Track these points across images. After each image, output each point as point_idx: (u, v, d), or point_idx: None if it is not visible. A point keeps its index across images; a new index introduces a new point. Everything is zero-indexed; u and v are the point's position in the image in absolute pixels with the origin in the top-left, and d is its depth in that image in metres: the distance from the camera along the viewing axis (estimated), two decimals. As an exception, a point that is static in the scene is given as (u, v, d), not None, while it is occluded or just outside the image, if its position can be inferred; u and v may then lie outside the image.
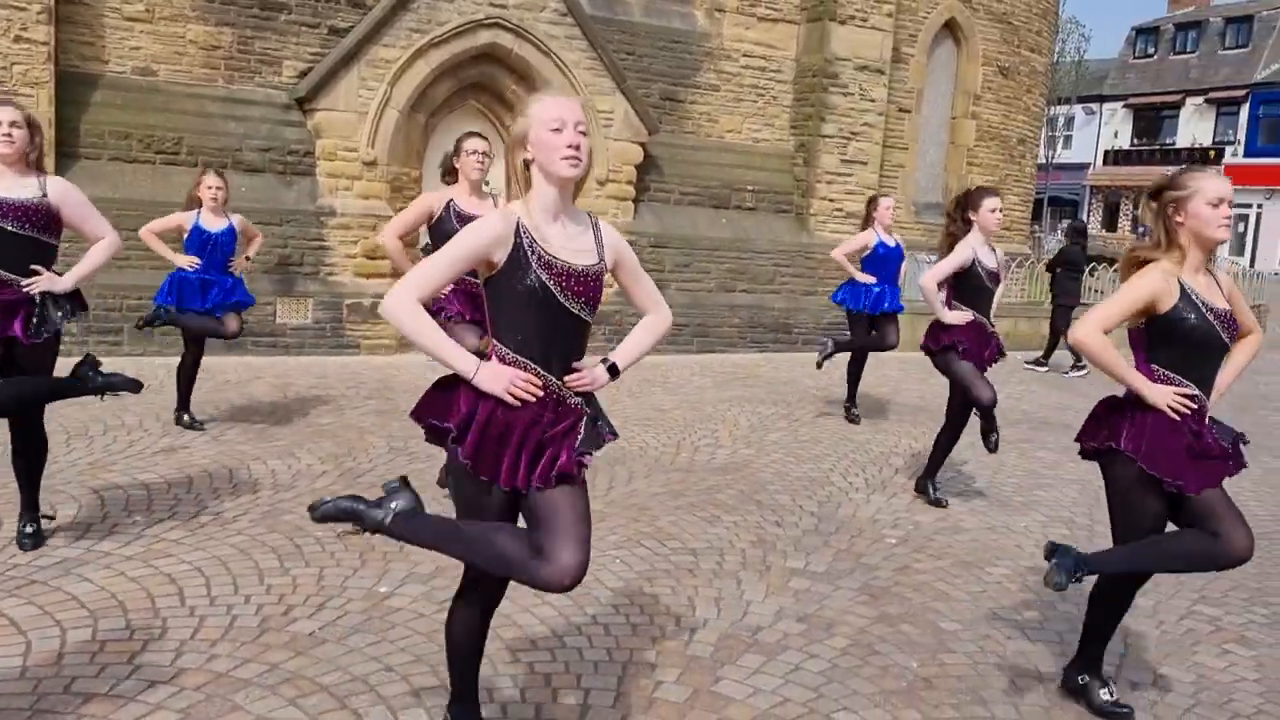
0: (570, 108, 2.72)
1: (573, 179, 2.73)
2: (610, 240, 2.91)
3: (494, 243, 2.70)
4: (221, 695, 3.44)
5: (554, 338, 2.78)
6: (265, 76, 10.43)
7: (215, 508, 5.34)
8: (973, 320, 6.09)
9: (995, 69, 15.68)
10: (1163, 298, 3.43)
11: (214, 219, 7.00)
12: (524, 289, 2.70)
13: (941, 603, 4.73)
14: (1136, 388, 3.50)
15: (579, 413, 2.85)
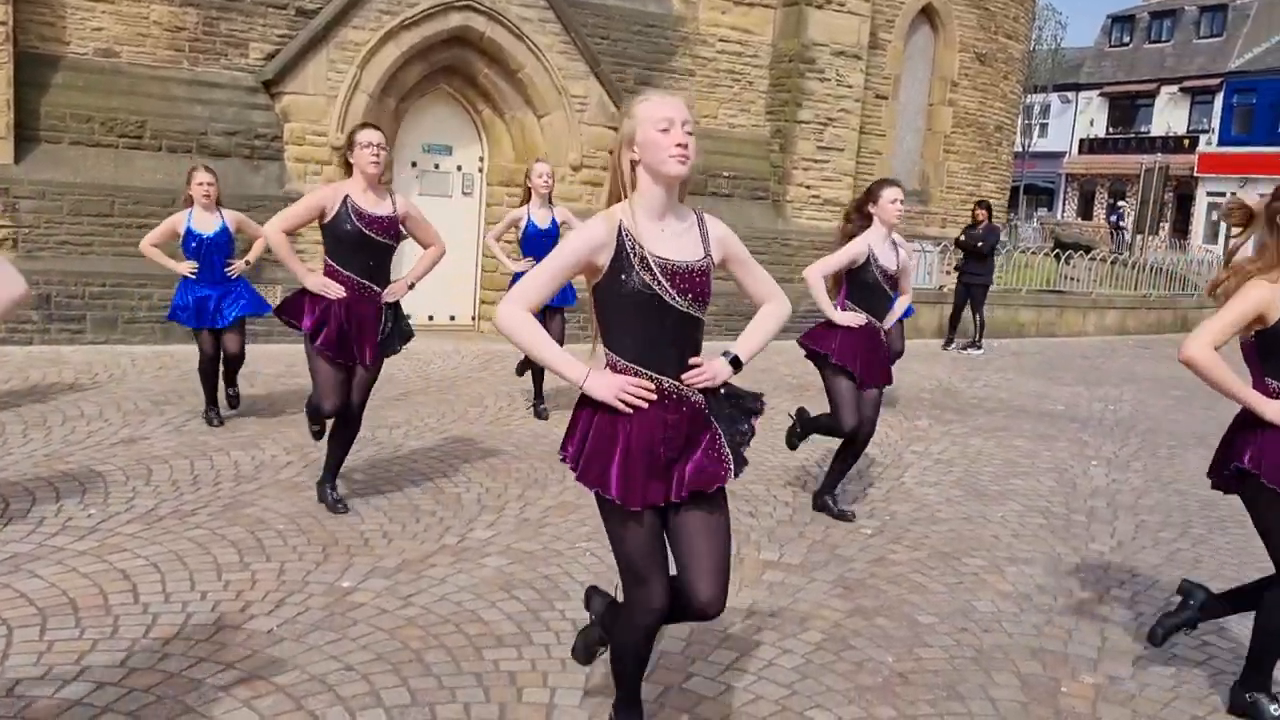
0: (677, 107, 2.70)
1: (680, 177, 2.71)
2: (717, 234, 2.87)
3: (597, 247, 2.70)
4: (173, 696, 3.31)
5: (665, 338, 2.75)
6: (231, 59, 10.22)
7: (174, 501, 5.20)
8: (866, 324, 5.56)
9: (972, 55, 15.62)
10: (1270, 310, 3.34)
11: (206, 218, 6.74)
12: (629, 291, 2.69)
13: (918, 595, 4.65)
14: (1252, 405, 3.41)
15: (704, 415, 2.82)
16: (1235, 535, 5.85)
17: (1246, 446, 3.45)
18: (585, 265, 2.73)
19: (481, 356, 10.07)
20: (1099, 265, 17.78)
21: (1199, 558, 5.43)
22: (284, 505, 5.24)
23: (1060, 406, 9.66)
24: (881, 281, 5.59)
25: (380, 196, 5.12)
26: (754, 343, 3.02)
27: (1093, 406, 9.85)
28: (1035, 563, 5.21)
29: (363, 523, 5.08)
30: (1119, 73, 46.16)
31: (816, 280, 5.55)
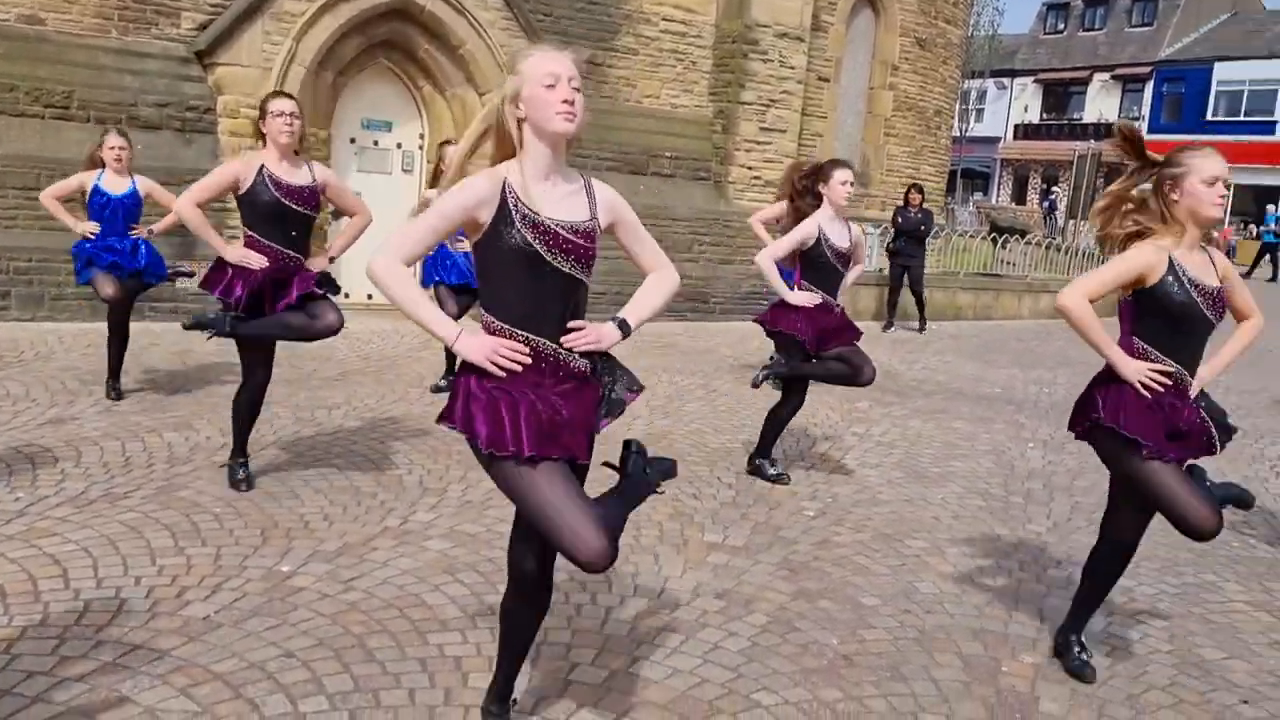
0: (564, 62, 2.64)
1: (567, 135, 2.65)
2: (605, 198, 2.84)
3: (480, 203, 2.64)
4: (106, 686, 3.21)
5: (545, 299, 2.70)
6: (162, 28, 9.94)
7: (105, 483, 5.05)
8: (821, 303, 5.74)
9: (913, 40, 15.74)
10: (1151, 272, 3.44)
11: (117, 181, 6.61)
12: (510, 248, 2.64)
13: (861, 577, 4.68)
14: (1114, 361, 3.53)
15: (583, 375, 2.77)
16: (1166, 516, 5.97)
17: (1102, 399, 3.57)
18: (467, 221, 2.67)
19: (421, 336, 9.94)
20: (1034, 250, 18.06)
21: (1132, 538, 5.52)
22: (219, 488, 5.12)
23: (997, 389, 9.81)
24: (833, 260, 5.75)
25: (296, 165, 5.05)
26: (643, 309, 2.97)
27: (1028, 389, 10.01)
28: (975, 544, 5.28)
29: (302, 505, 4.99)
30: (1053, 60, 46.89)
31: (768, 264, 5.69)
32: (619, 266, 12.39)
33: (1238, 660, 4.12)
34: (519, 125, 2.67)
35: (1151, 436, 3.47)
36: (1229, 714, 3.67)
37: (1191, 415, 3.56)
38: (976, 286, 16.06)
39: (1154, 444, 3.46)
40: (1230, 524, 5.90)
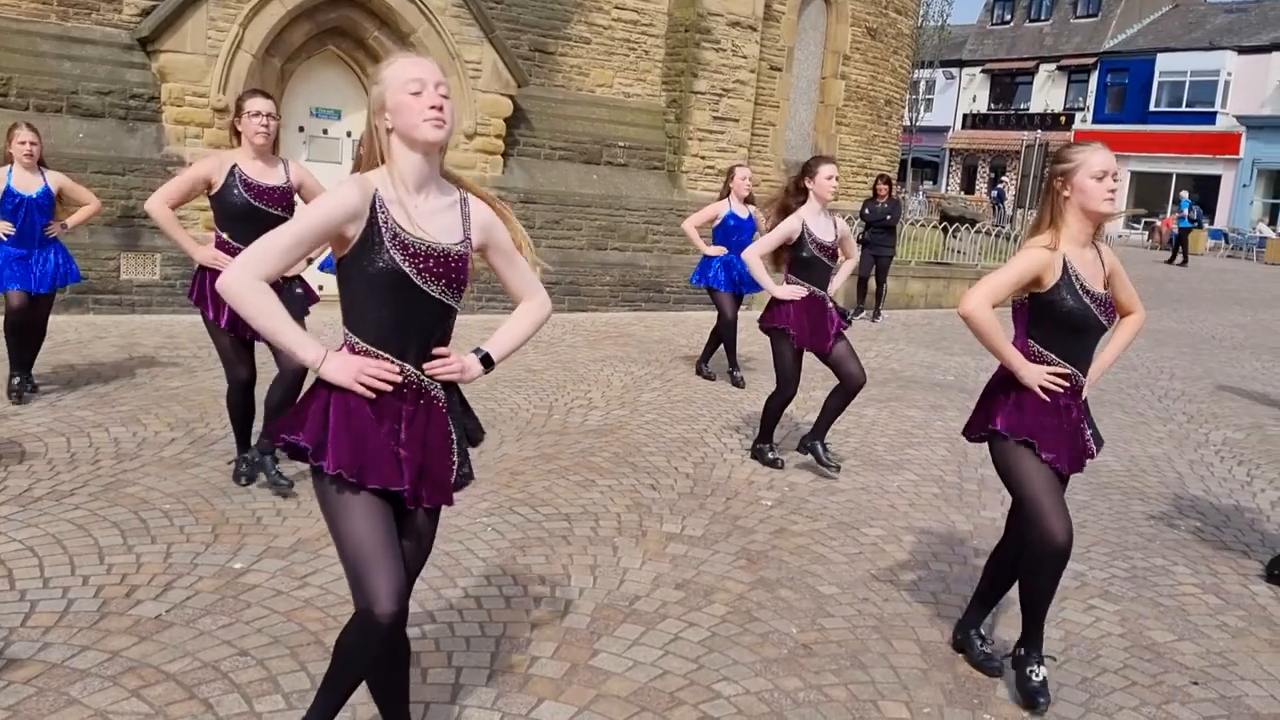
0: (428, 68, 2.50)
1: (438, 143, 2.49)
2: (480, 219, 2.65)
3: (348, 216, 2.44)
4: (55, 689, 3.14)
5: (411, 325, 2.52)
6: (104, 14, 9.70)
7: (50, 481, 4.94)
8: (808, 296, 5.87)
9: (864, 30, 15.80)
10: (1046, 275, 3.43)
11: (28, 178, 6.25)
12: (377, 271, 2.45)
13: (819, 566, 4.70)
14: (1015, 367, 3.50)
15: (444, 415, 2.60)
16: (1115, 501, 6.07)
17: (1000, 406, 3.54)
18: (334, 234, 2.46)
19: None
20: (983, 238, 18.25)
21: (1083, 523, 5.59)
22: (169, 484, 5.03)
23: (950, 377, 9.90)
24: (819, 255, 5.90)
25: (271, 165, 4.93)
26: (509, 341, 2.82)
27: (980, 377, 10.09)
28: (932, 531, 5.32)
29: (254, 501, 4.91)
30: (1000, 50, 47.41)
31: (754, 260, 5.89)
32: (571, 257, 12.36)
33: (1187, 642, 4.19)
34: (388, 136, 2.51)
35: (1049, 444, 3.47)
36: (1179, 695, 3.73)
37: (1079, 417, 3.60)
38: (928, 275, 16.19)
39: (1048, 450, 3.46)
40: (1178, 507, 6.02)
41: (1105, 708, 3.59)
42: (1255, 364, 12.18)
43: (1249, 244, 34.08)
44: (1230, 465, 7.22)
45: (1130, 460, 7.12)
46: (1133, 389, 9.91)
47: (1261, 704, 3.73)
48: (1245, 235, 35.12)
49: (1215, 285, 22.51)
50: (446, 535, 4.65)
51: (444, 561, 4.36)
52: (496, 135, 11.66)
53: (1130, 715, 3.55)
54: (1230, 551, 5.36)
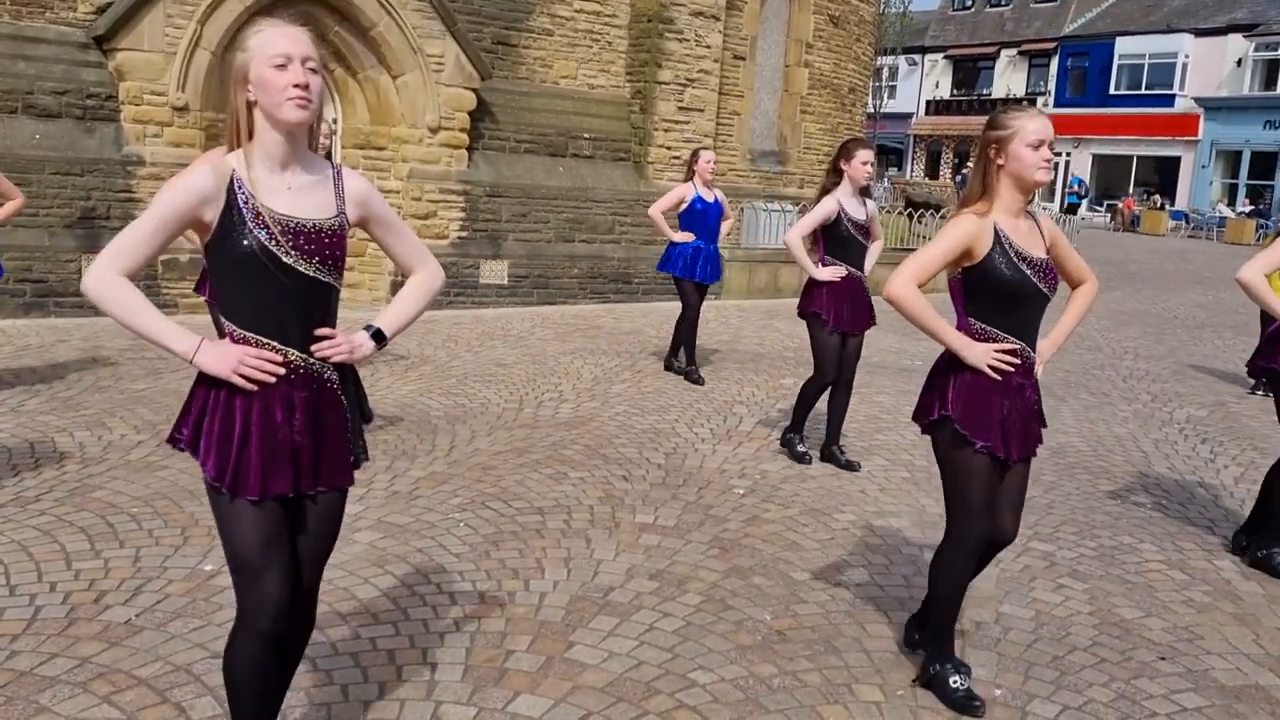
0: (298, 39, 2.35)
1: (302, 123, 2.35)
2: (354, 191, 2.51)
3: (200, 200, 2.32)
4: (24, 696, 3.11)
5: (289, 306, 2.39)
6: (58, 12, 9.55)
7: (14, 487, 4.87)
8: (846, 276, 5.97)
9: (826, 18, 15.83)
10: (977, 244, 3.23)
11: None
12: (242, 252, 2.33)
13: (792, 553, 4.73)
14: (955, 347, 3.30)
15: (336, 395, 2.51)
16: (1083, 481, 6.14)
17: (946, 389, 3.35)
18: (191, 220, 2.35)
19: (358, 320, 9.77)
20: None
21: (1051, 504, 5.67)
22: (136, 487, 4.98)
23: (918, 362, 9.96)
24: (854, 233, 5.98)
25: None
26: (401, 315, 2.67)
27: (947, 361, 10.18)
28: (902, 516, 5.36)
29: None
30: (961, 36, 47.67)
31: (796, 242, 6.00)
32: (538, 250, 12.33)
33: (1154, 618, 4.25)
34: (249, 110, 2.36)
35: (990, 434, 3.28)
36: (1148, 670, 3.78)
37: (1034, 395, 3.42)
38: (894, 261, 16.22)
39: (984, 438, 3.28)
40: (1144, 486, 6.10)
41: (1075, 685, 3.63)
42: (1217, 342, 12.34)
43: (1209, 224, 34.50)
44: (1194, 443, 7.32)
45: (1096, 440, 7.20)
46: (1097, 369, 10.02)
47: (1228, 676, 3.79)
48: (1205, 216, 35.54)
49: (1177, 265, 22.77)
50: (419, 531, 4.64)
51: (417, 558, 4.34)
52: (461, 129, 11.60)
53: (1100, 691, 3.60)
54: (1195, 527, 5.44)
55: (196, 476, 5.06)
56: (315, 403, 2.47)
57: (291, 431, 2.42)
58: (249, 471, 2.38)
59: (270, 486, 2.41)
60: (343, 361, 2.52)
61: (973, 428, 3.29)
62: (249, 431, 2.38)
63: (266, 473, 2.40)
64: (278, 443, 2.41)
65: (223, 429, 2.39)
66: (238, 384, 2.36)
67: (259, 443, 2.39)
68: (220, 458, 2.39)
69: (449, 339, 9.38)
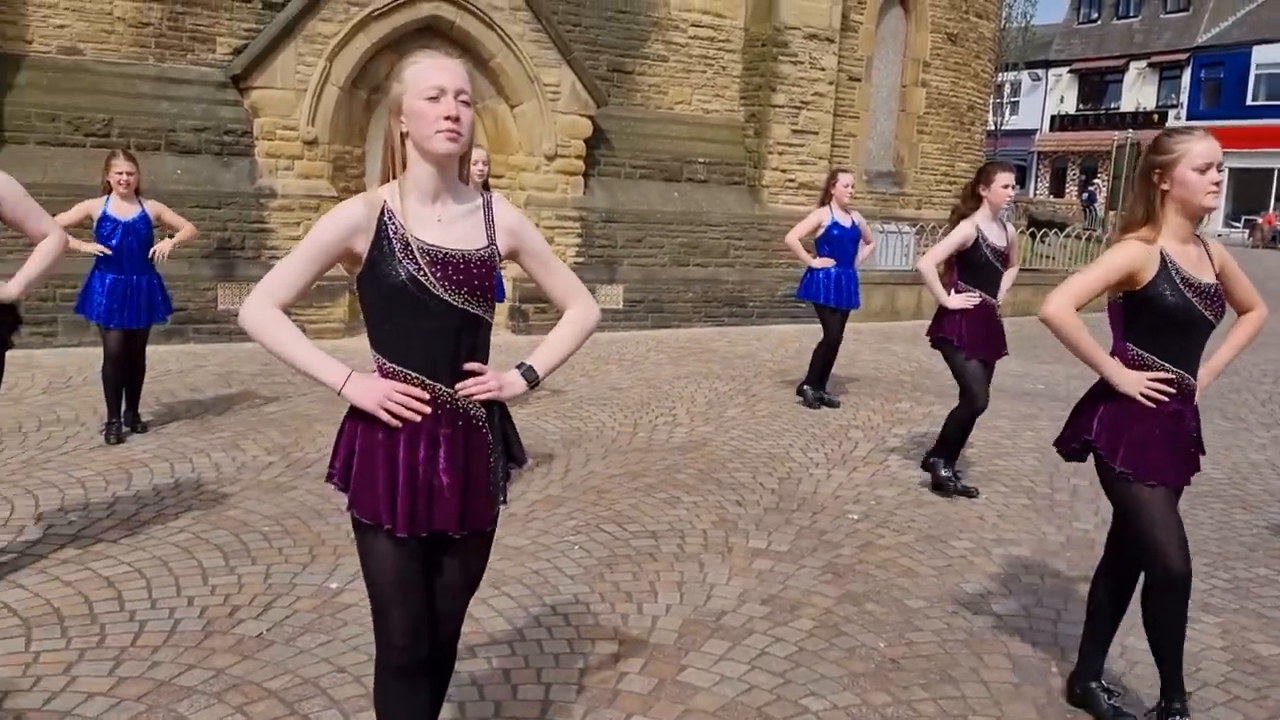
0: (453, 71, 2.34)
1: (451, 155, 2.35)
2: (505, 221, 2.48)
3: (351, 230, 2.34)
4: (164, 705, 3.27)
5: (437, 339, 2.36)
6: (199, 54, 10.10)
7: (156, 505, 5.14)
8: (980, 303, 5.77)
9: (944, 36, 15.63)
10: (1142, 271, 3.14)
11: (124, 206, 6.33)
12: (392, 283, 2.31)
13: (907, 579, 4.66)
14: (1109, 374, 3.21)
15: (484, 435, 2.47)
16: (1216, 510, 5.90)
17: (1094, 417, 3.27)
18: (342, 252, 2.36)
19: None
20: (1073, 242, 17.86)
21: (1182, 533, 5.45)
22: (267, 507, 5.19)
23: (1040, 386, 9.71)
24: (992, 259, 5.81)
25: None
26: (555, 353, 2.61)
27: (1071, 385, 9.89)
28: (1022, 543, 5.23)
29: (348, 522, 5.03)
30: (1088, 49, 46.37)
31: (930, 269, 5.82)
32: (653, 274, 12.42)
33: (1295, 655, 4.06)
34: (403, 140, 2.37)
35: (1150, 467, 3.18)
36: (1287, 710, 3.61)
37: (1193, 423, 3.31)
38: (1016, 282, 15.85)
39: (1154, 475, 3.18)
40: (1283, 516, 5.82)
41: (1207, 723, 3.49)
42: (1366, 364, 11.69)
43: (1357, 239, 32.74)
44: (1339, 471, 6.96)
45: (1232, 468, 6.91)
46: (1234, 394, 9.61)
47: (1374, 719, 3.60)
48: (1352, 230, 33.75)
49: None
50: (534, 553, 4.73)
51: (532, 579, 4.42)
52: (577, 156, 11.80)
53: (1233, 731, 3.45)
54: (1340, 560, 5.17)
55: (324, 497, 5.28)
56: (461, 440, 2.42)
57: (435, 470, 2.39)
58: (391, 509, 2.37)
59: (410, 525, 2.39)
60: (489, 399, 2.46)
61: (1127, 459, 3.20)
62: (392, 469, 2.37)
63: (409, 511, 2.38)
64: (419, 481, 2.38)
65: (365, 465, 2.39)
66: (383, 418, 2.34)
67: (403, 481, 2.37)
68: (361, 494, 2.39)
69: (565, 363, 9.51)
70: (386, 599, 2.45)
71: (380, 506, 2.37)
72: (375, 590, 2.47)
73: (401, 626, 2.46)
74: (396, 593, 2.44)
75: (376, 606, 2.48)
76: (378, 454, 2.38)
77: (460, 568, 2.56)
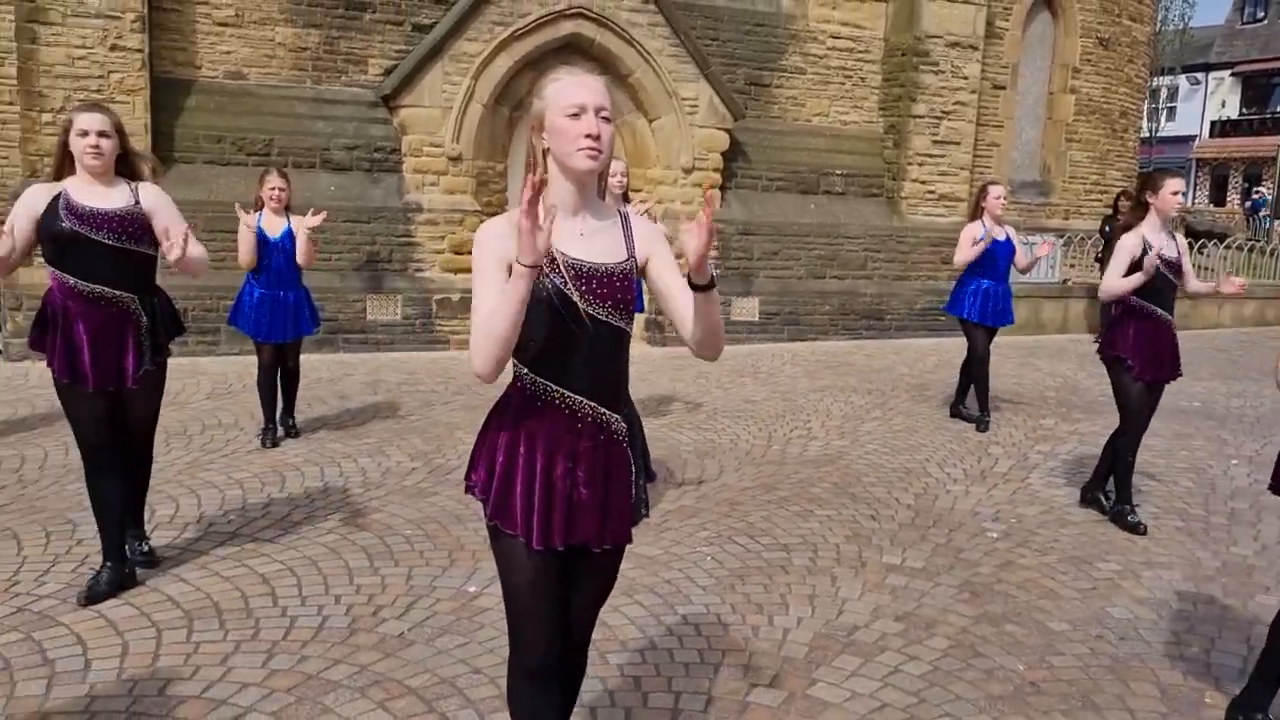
0: (594, 89, 2.32)
1: (591, 172, 2.34)
2: (643, 235, 2.48)
3: (504, 242, 2.31)
4: (311, 698, 3.43)
5: (584, 352, 2.36)
6: (352, 75, 10.54)
7: (307, 506, 5.38)
8: (1154, 320, 5.44)
9: (1095, 40, 15.12)
10: None
11: (275, 221, 6.59)
12: (538, 296, 2.28)
13: (1048, 601, 4.52)
14: None
15: (624, 449, 2.47)
16: (1392, 538, 5.53)
17: None
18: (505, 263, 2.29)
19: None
20: (1235, 253, 16.99)
21: (1352, 562, 5.15)
22: (410, 511, 5.37)
23: (1196, 403, 9.28)
24: (1166, 273, 5.42)
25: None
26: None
27: (1230, 403, 9.42)
28: (1174, 567, 5.01)
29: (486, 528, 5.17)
30: (1252, 51, 44.06)
31: (1117, 290, 5.45)
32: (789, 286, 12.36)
33: None
34: (544, 156, 2.37)
35: None
36: None
37: None
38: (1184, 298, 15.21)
39: None
40: None
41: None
42: None
43: None
44: None
45: None
46: None
47: None
48: None
49: None
50: (666, 563, 4.76)
51: (664, 589, 4.46)
52: (714, 169, 11.84)
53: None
54: None
55: (463, 503, 5.43)
56: (601, 454, 2.43)
57: (574, 483, 2.40)
58: (528, 522, 2.38)
59: (545, 539, 2.39)
60: (630, 418, 2.50)
61: None
62: (531, 481, 2.38)
63: (544, 524, 2.38)
64: (555, 495, 2.39)
65: (505, 477, 2.40)
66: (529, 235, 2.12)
67: (540, 494, 2.38)
68: (499, 505, 2.41)
69: (700, 375, 9.55)
70: (522, 608, 2.48)
71: (519, 519, 2.39)
72: (511, 599, 2.50)
73: (536, 635, 2.49)
74: (532, 603, 2.47)
75: (512, 613, 2.51)
76: (518, 466, 2.39)
77: (595, 581, 2.60)
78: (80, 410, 4.10)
